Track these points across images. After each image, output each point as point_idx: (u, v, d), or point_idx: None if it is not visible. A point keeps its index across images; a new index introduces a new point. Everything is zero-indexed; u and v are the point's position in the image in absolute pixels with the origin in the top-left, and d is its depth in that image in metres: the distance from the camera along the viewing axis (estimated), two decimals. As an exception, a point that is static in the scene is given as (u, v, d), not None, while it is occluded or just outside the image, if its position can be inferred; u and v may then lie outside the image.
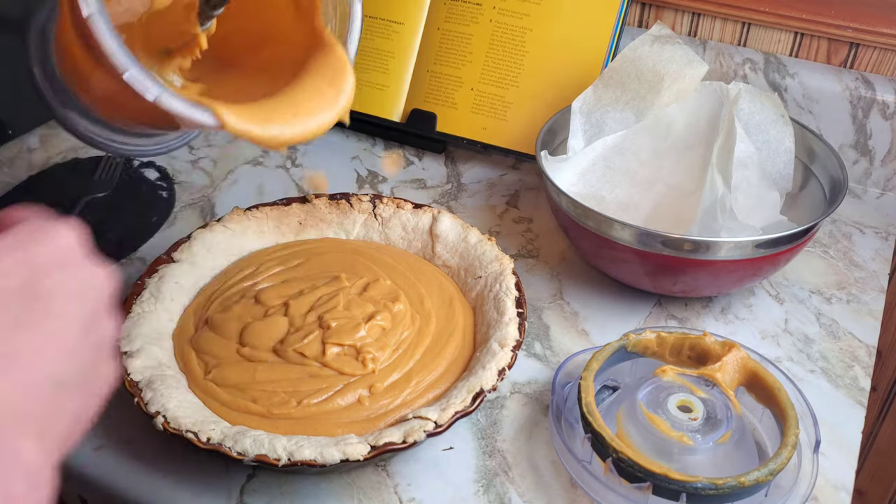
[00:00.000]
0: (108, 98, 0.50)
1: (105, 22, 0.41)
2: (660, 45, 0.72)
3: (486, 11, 0.85)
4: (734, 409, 0.53)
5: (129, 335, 0.56)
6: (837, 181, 0.68)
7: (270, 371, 0.55)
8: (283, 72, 0.50)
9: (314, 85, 0.48)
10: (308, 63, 0.50)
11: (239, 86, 0.52)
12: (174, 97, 0.42)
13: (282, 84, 0.49)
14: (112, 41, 0.41)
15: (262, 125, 0.45)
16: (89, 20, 0.40)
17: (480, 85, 0.85)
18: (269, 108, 0.46)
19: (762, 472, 0.48)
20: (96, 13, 0.40)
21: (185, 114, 0.43)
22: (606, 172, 0.73)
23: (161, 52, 0.51)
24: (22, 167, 0.85)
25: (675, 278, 0.64)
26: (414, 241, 0.69)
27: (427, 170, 0.87)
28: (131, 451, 0.55)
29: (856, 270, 0.73)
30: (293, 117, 0.46)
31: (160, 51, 0.51)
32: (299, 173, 0.86)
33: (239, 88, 0.51)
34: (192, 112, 0.43)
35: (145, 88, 0.41)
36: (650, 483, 0.48)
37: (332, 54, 0.49)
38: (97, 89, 0.49)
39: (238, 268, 0.65)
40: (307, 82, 0.48)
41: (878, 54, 0.81)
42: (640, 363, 0.58)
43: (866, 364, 0.63)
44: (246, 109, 0.45)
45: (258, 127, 0.45)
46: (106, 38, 0.41)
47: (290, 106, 0.47)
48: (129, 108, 0.49)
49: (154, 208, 0.79)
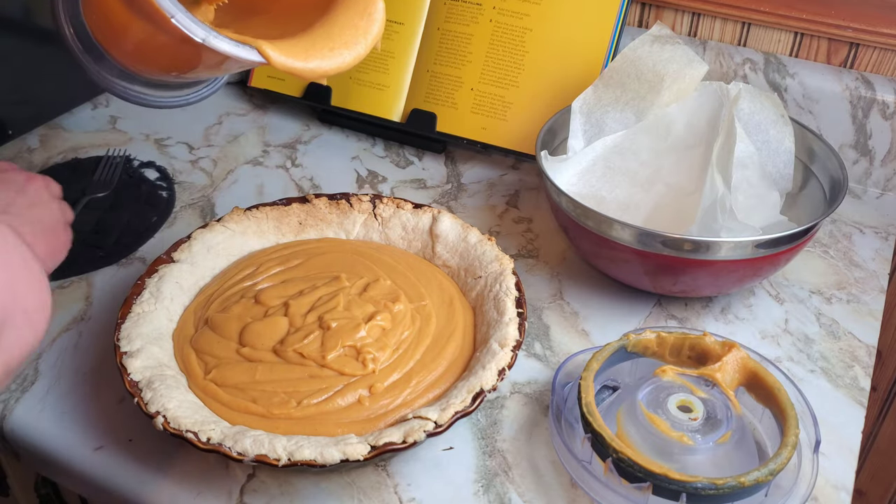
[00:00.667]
0: (140, 49, 0.51)
1: None
2: (660, 45, 0.72)
3: (486, 11, 0.85)
4: (734, 409, 0.53)
5: (129, 335, 0.56)
6: (837, 181, 0.68)
7: (270, 371, 0.55)
8: (310, 12, 0.52)
9: (347, 17, 0.50)
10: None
11: (265, 31, 0.53)
12: (220, 38, 0.44)
13: (311, 22, 0.50)
14: None
15: (304, 59, 0.47)
16: None
17: (480, 85, 0.85)
18: (307, 43, 0.48)
19: (762, 472, 0.48)
20: None
21: (232, 52, 0.44)
22: (606, 172, 0.72)
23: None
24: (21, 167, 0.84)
25: (675, 278, 0.64)
26: (414, 241, 0.69)
27: (427, 170, 0.87)
28: (131, 451, 0.55)
29: (856, 270, 0.73)
30: (330, 50, 0.48)
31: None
32: (299, 173, 0.86)
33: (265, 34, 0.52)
34: (237, 51, 0.44)
35: (193, 31, 0.43)
36: (650, 483, 0.48)
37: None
38: (132, 40, 0.50)
39: (238, 268, 0.65)
40: (340, 15, 0.50)
41: (878, 54, 0.81)
42: (640, 363, 0.58)
43: (866, 364, 0.63)
44: (286, 45, 0.47)
45: (300, 61, 0.47)
46: None
47: (326, 40, 0.49)
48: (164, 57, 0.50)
49: (154, 208, 0.79)
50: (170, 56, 0.49)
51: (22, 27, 0.87)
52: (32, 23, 0.88)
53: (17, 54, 0.86)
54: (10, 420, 0.58)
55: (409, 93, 0.88)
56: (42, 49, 0.88)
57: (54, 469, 0.57)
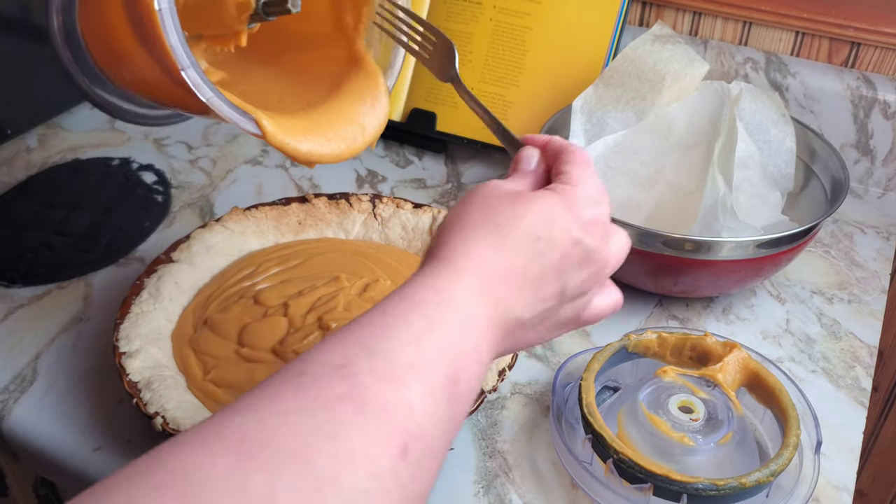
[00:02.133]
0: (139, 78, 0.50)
1: (174, 17, 0.41)
2: (661, 45, 0.71)
3: (487, 10, 0.85)
4: (735, 410, 0.52)
5: (128, 335, 0.56)
6: (839, 181, 0.67)
7: (270, 372, 0.55)
8: (316, 81, 0.51)
9: (352, 110, 0.49)
10: (346, 82, 0.51)
11: (263, 82, 0.53)
12: (224, 102, 0.43)
13: (314, 95, 0.49)
14: (177, 39, 0.41)
15: (299, 142, 0.46)
16: (159, 14, 0.40)
17: (481, 84, 0.85)
18: (305, 125, 0.47)
19: (763, 472, 0.48)
20: (167, 8, 0.40)
21: (231, 119, 0.44)
22: (607, 172, 0.72)
23: (191, 35, 0.51)
24: (20, 167, 0.85)
25: (677, 278, 0.63)
26: (414, 241, 0.68)
27: (427, 169, 0.87)
28: (130, 451, 0.55)
29: (857, 270, 0.73)
30: (328, 140, 0.47)
31: (191, 33, 0.51)
32: (299, 173, 0.85)
33: (263, 85, 0.52)
34: (237, 118, 0.44)
35: (200, 90, 0.42)
36: (651, 484, 0.48)
37: (372, 82, 0.51)
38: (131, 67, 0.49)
39: (237, 268, 0.64)
40: (345, 105, 0.50)
41: (880, 54, 0.80)
42: (641, 364, 0.58)
43: (868, 364, 0.63)
44: (285, 122, 0.46)
45: (295, 142, 0.46)
46: (172, 36, 0.41)
47: (326, 127, 0.48)
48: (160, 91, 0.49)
49: (147, 212, 0.78)
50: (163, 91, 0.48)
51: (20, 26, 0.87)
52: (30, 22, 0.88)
53: (15, 53, 0.85)
54: (8, 420, 0.57)
55: (410, 92, 0.88)
56: (40, 48, 0.88)
57: (53, 470, 0.57)
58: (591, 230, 0.38)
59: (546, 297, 0.37)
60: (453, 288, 0.34)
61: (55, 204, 0.78)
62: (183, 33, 0.41)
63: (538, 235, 0.37)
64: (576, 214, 0.38)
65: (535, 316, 0.37)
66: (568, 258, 0.38)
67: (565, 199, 0.38)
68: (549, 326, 0.39)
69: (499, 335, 0.36)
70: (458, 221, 0.38)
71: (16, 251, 0.72)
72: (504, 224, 0.37)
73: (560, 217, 0.37)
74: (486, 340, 0.35)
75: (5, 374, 0.61)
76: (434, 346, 0.32)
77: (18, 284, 0.69)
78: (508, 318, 0.36)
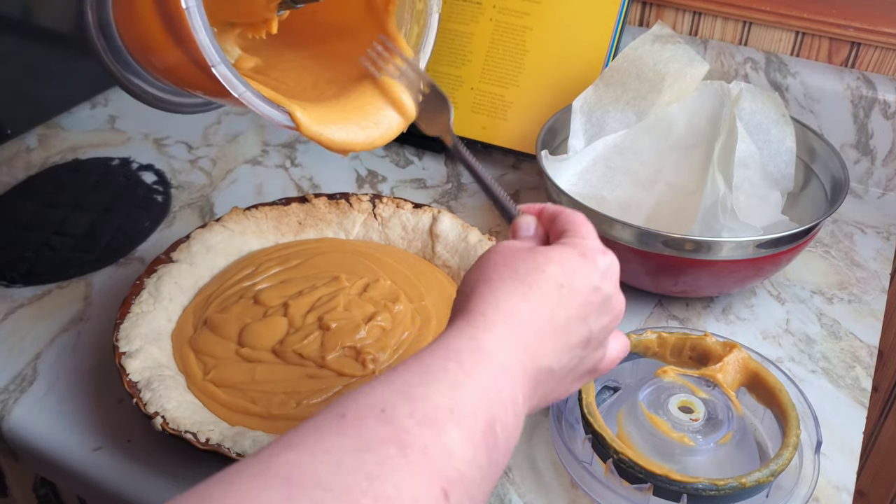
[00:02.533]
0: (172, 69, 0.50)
1: (201, 15, 0.41)
2: (661, 45, 0.71)
3: (487, 10, 0.85)
4: (735, 410, 0.52)
5: (128, 335, 0.56)
6: (839, 181, 0.67)
7: (270, 371, 0.55)
8: (349, 66, 0.51)
9: (384, 95, 0.50)
10: None
11: (297, 67, 0.53)
12: (256, 96, 0.44)
13: (347, 79, 0.49)
14: (206, 36, 0.41)
15: (331, 133, 0.47)
16: (187, 12, 0.40)
17: (480, 84, 0.85)
18: (338, 114, 0.48)
19: (763, 472, 0.48)
20: (194, 7, 0.40)
21: (264, 112, 0.44)
22: (607, 172, 0.72)
23: (225, 22, 0.51)
24: (20, 167, 0.85)
25: (676, 278, 0.63)
26: (414, 241, 0.68)
27: (427, 169, 0.87)
28: (130, 451, 0.55)
29: (857, 270, 0.73)
30: (361, 129, 0.48)
31: (224, 21, 0.51)
32: (299, 173, 0.85)
33: (297, 71, 0.52)
34: (270, 112, 0.44)
35: (232, 86, 0.43)
36: (651, 484, 0.48)
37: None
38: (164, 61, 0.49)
39: (237, 268, 0.64)
40: (377, 90, 0.50)
41: (880, 54, 0.80)
42: (641, 364, 0.58)
43: (868, 364, 0.63)
44: (317, 113, 0.46)
45: (327, 134, 0.47)
46: (200, 32, 0.41)
47: (360, 116, 0.48)
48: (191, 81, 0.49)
49: (147, 212, 0.78)
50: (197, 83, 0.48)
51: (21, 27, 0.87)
52: (31, 22, 0.88)
53: (15, 53, 0.85)
54: (8, 420, 0.57)
55: (409, 92, 0.88)
56: (41, 48, 0.88)
57: (53, 470, 0.57)
58: (607, 277, 0.40)
59: (574, 344, 0.38)
60: (486, 337, 0.35)
61: (55, 204, 0.78)
62: (212, 29, 0.41)
63: (561, 283, 0.38)
64: (592, 263, 0.39)
65: (564, 366, 0.38)
66: (590, 304, 0.39)
67: (579, 250, 0.40)
68: (574, 378, 0.40)
69: (531, 385, 0.36)
70: (481, 276, 0.39)
71: (16, 251, 0.72)
72: (527, 273, 0.38)
73: (579, 266, 0.39)
74: (522, 391, 0.35)
75: (5, 374, 0.61)
76: (471, 392, 0.33)
77: (19, 284, 0.69)
78: (539, 368, 0.37)
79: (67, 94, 0.95)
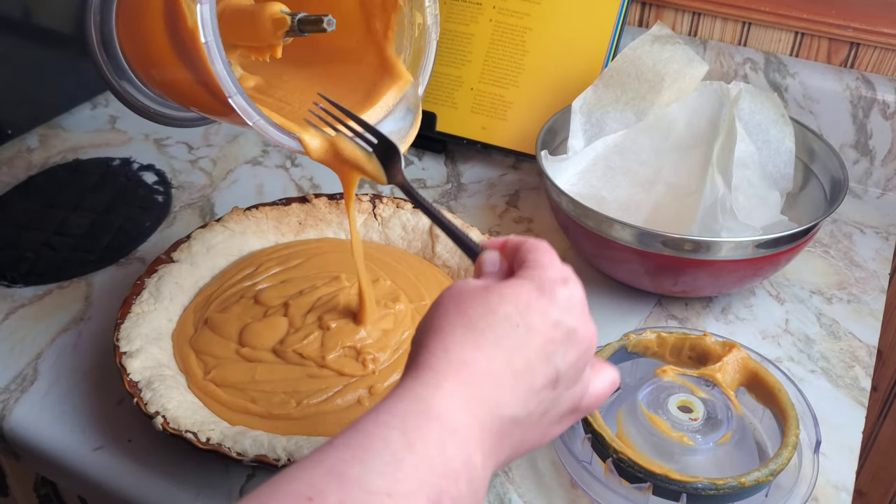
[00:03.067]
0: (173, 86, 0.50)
1: (219, 48, 0.41)
2: (660, 45, 0.72)
3: (486, 11, 0.85)
4: (735, 410, 0.52)
5: (129, 335, 0.56)
6: (838, 181, 0.67)
7: (270, 371, 0.55)
8: (350, 90, 0.52)
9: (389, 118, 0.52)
10: (378, 90, 0.52)
11: (298, 88, 0.53)
12: (269, 125, 0.45)
13: (349, 103, 0.50)
14: (223, 69, 0.42)
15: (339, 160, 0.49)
16: (206, 47, 0.41)
17: (480, 84, 0.85)
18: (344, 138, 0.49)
19: (763, 472, 0.48)
20: (213, 41, 0.41)
21: (277, 140, 0.45)
22: (607, 172, 0.72)
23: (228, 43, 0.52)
24: (21, 167, 0.85)
25: (676, 278, 0.64)
26: (414, 241, 0.68)
27: (427, 170, 0.87)
28: (131, 451, 0.55)
29: (856, 270, 0.73)
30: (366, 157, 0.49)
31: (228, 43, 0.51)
32: (299, 173, 0.86)
33: (300, 92, 0.53)
34: (282, 139, 0.46)
35: (248, 115, 0.44)
36: (650, 483, 0.48)
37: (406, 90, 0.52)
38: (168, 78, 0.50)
39: (238, 268, 0.65)
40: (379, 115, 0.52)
41: (879, 54, 0.80)
42: (640, 363, 0.58)
43: (867, 364, 0.63)
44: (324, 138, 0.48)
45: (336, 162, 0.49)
46: (218, 65, 0.42)
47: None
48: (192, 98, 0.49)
49: (148, 212, 0.78)
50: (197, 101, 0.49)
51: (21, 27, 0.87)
52: (32, 23, 0.88)
53: (16, 54, 0.85)
54: (9, 420, 0.57)
55: (409, 92, 0.88)
56: (41, 48, 0.88)
57: (54, 469, 0.57)
58: (569, 309, 0.36)
59: (539, 387, 0.35)
60: (435, 395, 0.32)
61: (56, 204, 0.78)
62: (228, 61, 0.42)
63: (516, 323, 0.35)
64: (549, 296, 0.36)
65: (532, 412, 0.35)
66: (552, 342, 0.35)
67: (535, 283, 0.36)
68: (550, 421, 0.37)
69: (494, 441, 0.33)
70: (432, 325, 0.36)
71: (16, 251, 0.72)
72: (479, 318, 0.35)
73: (535, 301, 0.35)
74: (479, 450, 0.32)
75: (6, 374, 0.61)
76: (414, 468, 0.30)
77: (19, 284, 0.69)
78: (503, 418, 0.34)
79: (68, 94, 0.95)
